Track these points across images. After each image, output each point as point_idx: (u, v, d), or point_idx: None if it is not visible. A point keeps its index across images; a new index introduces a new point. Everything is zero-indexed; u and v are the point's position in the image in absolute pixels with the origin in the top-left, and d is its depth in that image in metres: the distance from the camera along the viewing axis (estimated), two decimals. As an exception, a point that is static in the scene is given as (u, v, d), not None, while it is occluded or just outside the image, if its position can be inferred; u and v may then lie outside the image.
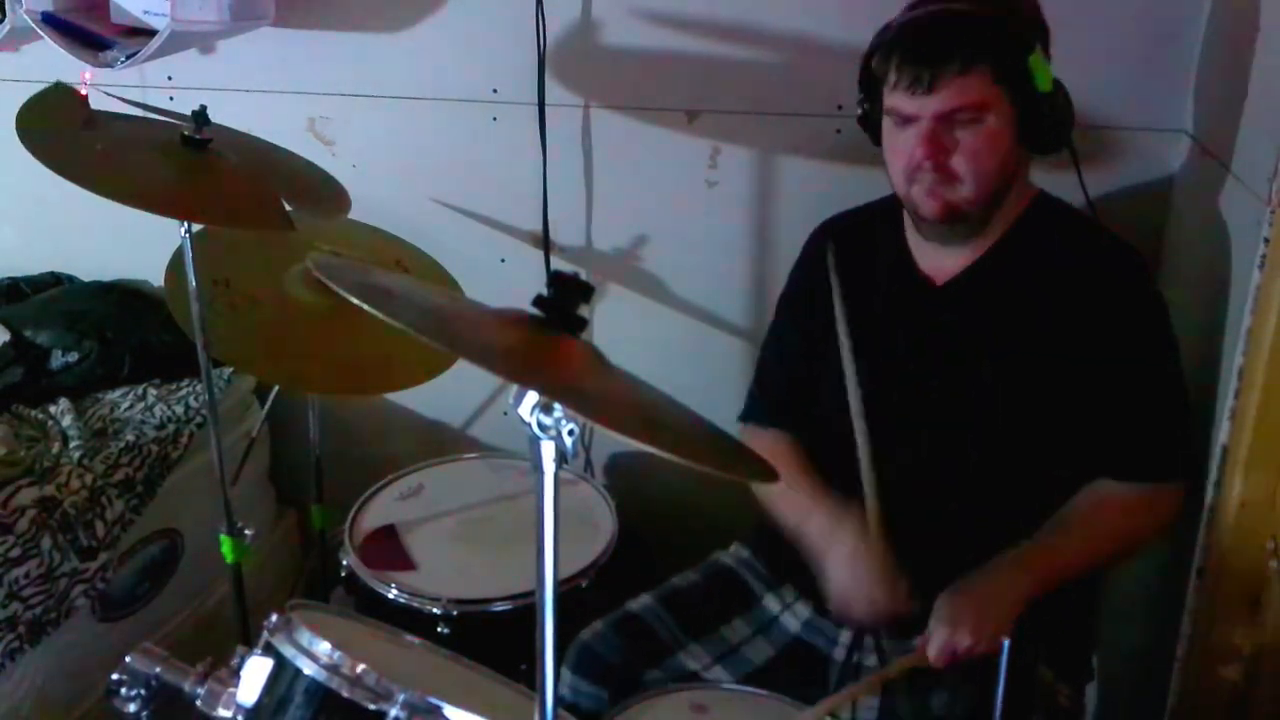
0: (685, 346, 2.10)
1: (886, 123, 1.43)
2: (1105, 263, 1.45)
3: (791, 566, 1.59)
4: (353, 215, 1.79)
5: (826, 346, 1.60)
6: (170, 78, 2.17)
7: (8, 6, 2.00)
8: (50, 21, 1.96)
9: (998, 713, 1.19)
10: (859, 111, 1.50)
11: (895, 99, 1.39)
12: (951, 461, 1.48)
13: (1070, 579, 1.42)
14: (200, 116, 1.55)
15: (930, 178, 1.39)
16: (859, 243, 1.60)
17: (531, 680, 0.93)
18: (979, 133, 1.37)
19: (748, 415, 1.72)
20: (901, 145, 1.41)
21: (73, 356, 2.14)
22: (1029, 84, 1.36)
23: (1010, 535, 1.43)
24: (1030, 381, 1.43)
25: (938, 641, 1.34)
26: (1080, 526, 1.44)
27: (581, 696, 1.48)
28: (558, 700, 0.93)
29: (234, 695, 1.08)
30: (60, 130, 1.54)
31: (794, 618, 1.57)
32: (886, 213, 1.56)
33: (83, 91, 1.63)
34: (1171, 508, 1.46)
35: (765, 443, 1.65)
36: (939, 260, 1.50)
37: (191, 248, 1.55)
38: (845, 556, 1.41)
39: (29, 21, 1.95)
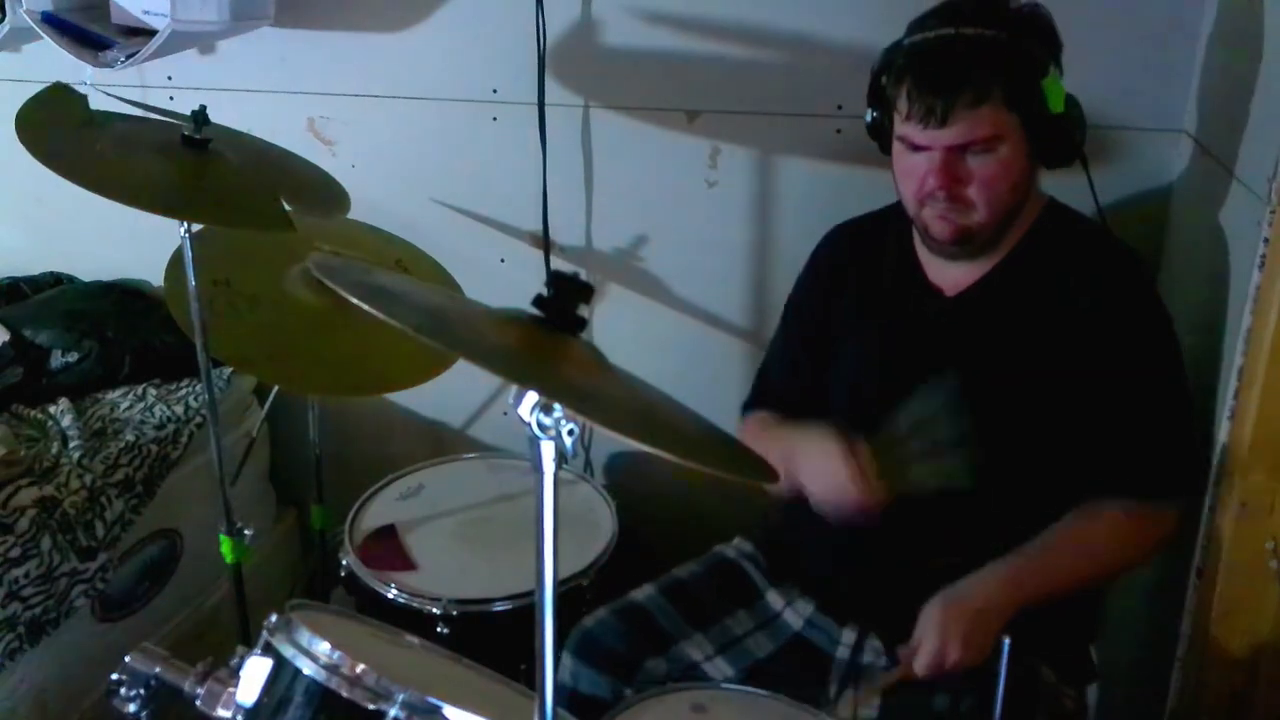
0: (685, 346, 2.10)
1: (897, 144, 1.42)
2: (1112, 275, 1.44)
3: (794, 563, 1.60)
4: (353, 215, 1.79)
5: (832, 352, 1.60)
6: (170, 78, 2.17)
7: (8, 6, 2.00)
8: (50, 21, 1.96)
9: (997, 714, 1.19)
10: (868, 119, 1.48)
11: (906, 129, 1.37)
12: None
13: (1060, 594, 1.41)
14: (200, 116, 1.55)
15: (943, 205, 1.39)
16: (868, 250, 1.59)
17: (531, 680, 0.93)
18: (992, 161, 1.36)
19: (747, 410, 1.72)
20: (912, 169, 1.39)
21: (73, 356, 2.14)
22: (1043, 106, 1.35)
23: (1013, 543, 1.42)
24: (1038, 392, 1.43)
25: (926, 654, 1.34)
26: (1073, 544, 1.42)
27: (582, 682, 1.48)
28: (557, 690, 0.93)
29: (234, 695, 1.07)
30: (60, 130, 1.54)
31: (796, 615, 1.57)
32: (896, 220, 1.55)
33: (83, 91, 1.63)
34: (1167, 529, 1.44)
35: (753, 421, 1.67)
36: (950, 272, 1.50)
37: (191, 248, 1.55)
38: (817, 449, 1.41)
39: (29, 21, 1.95)
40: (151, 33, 1.92)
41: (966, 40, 1.33)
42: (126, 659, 1.12)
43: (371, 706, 1.02)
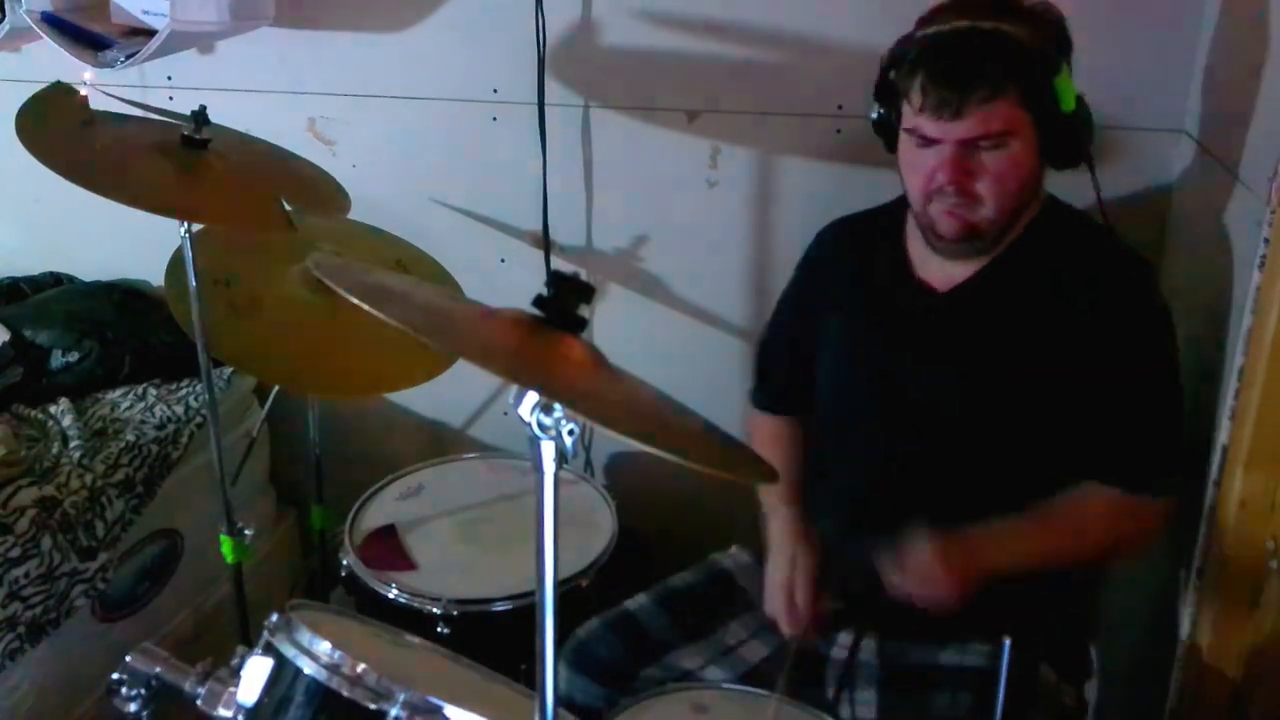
0: (685, 346, 2.10)
1: (905, 138, 1.41)
2: (1111, 273, 1.44)
3: None
4: (353, 215, 1.79)
5: (820, 347, 1.62)
6: (170, 78, 2.17)
7: (8, 6, 2.00)
8: (50, 21, 1.96)
9: (998, 713, 1.19)
10: (873, 116, 1.47)
11: (918, 121, 1.36)
12: (948, 463, 1.48)
13: (1041, 567, 1.41)
14: (200, 116, 1.55)
15: (951, 200, 1.38)
16: (860, 246, 1.60)
17: (531, 680, 0.93)
18: (1003, 157, 1.35)
19: (751, 398, 1.77)
20: (921, 164, 1.39)
21: (73, 356, 2.14)
22: (1054, 105, 1.35)
23: None
24: (1030, 387, 1.43)
25: (906, 578, 1.35)
26: (1061, 520, 1.42)
27: (576, 692, 1.49)
28: (557, 700, 0.93)
29: (234, 695, 1.08)
30: (60, 130, 1.54)
31: None
32: (889, 217, 1.56)
33: (83, 91, 1.63)
34: (1153, 522, 1.44)
35: (759, 426, 1.72)
36: (941, 270, 1.49)
37: (191, 248, 1.55)
38: (780, 560, 1.51)
39: (29, 21, 1.95)
40: (151, 33, 1.92)
41: (983, 34, 1.32)
42: (127, 659, 1.12)
43: (372, 706, 1.02)
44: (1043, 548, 1.42)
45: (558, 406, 0.81)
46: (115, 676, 1.12)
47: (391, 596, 1.67)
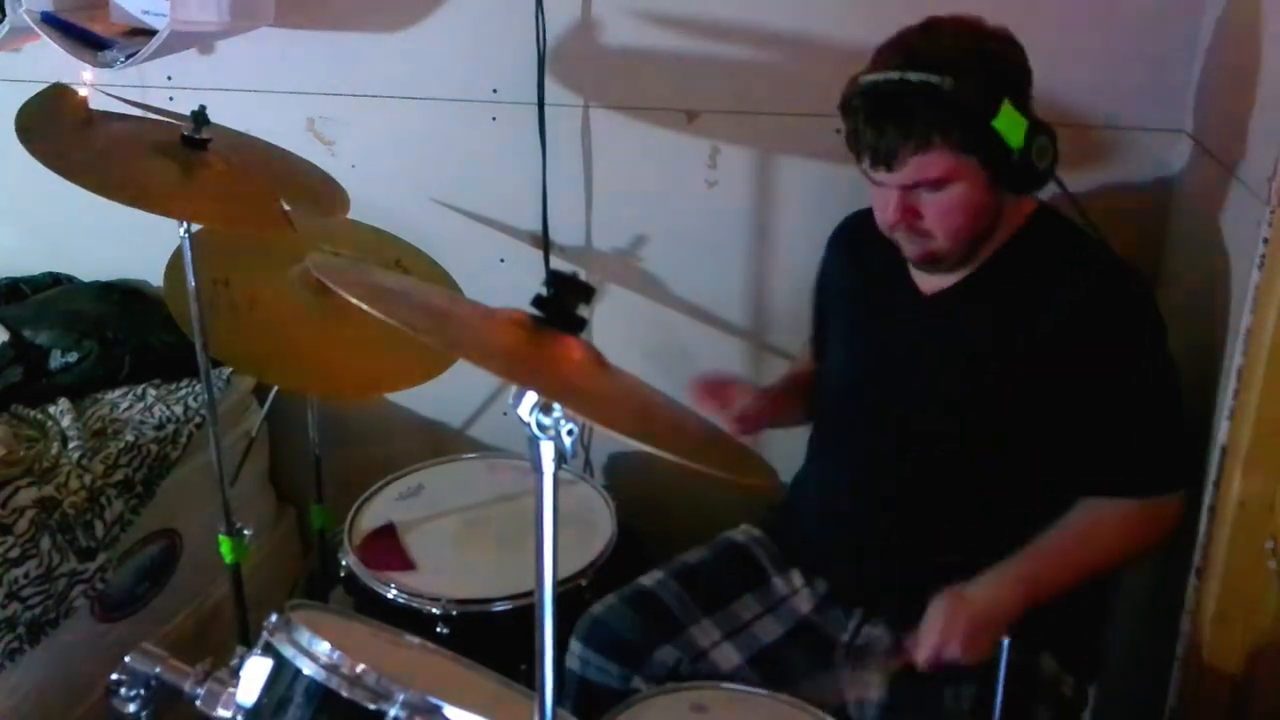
0: (685, 346, 2.10)
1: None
2: (1103, 287, 1.42)
3: (802, 550, 1.61)
4: (353, 215, 1.79)
5: (828, 333, 1.67)
6: (170, 78, 2.17)
7: (8, 6, 1.99)
8: (50, 21, 1.95)
9: (998, 710, 1.19)
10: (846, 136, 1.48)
11: (862, 165, 1.39)
12: (927, 465, 1.48)
13: (1065, 590, 1.40)
14: (200, 116, 1.55)
15: (904, 234, 1.42)
16: (869, 240, 1.61)
17: (531, 680, 0.93)
18: (944, 198, 1.37)
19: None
20: (876, 200, 1.43)
21: (73, 356, 2.14)
22: (998, 146, 1.33)
23: (993, 540, 1.42)
24: (1011, 396, 1.43)
25: (927, 648, 1.34)
26: (1077, 540, 1.41)
27: (591, 669, 1.49)
28: (566, 678, 0.93)
29: (233, 695, 1.08)
30: (60, 130, 1.54)
31: (804, 599, 1.59)
32: None
33: (83, 91, 1.63)
34: (1169, 520, 1.44)
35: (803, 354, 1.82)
36: (930, 276, 1.51)
37: (191, 248, 1.55)
38: None
39: (29, 21, 1.95)
40: (151, 33, 1.92)
41: (911, 87, 1.31)
42: (126, 659, 1.12)
43: (372, 706, 1.02)
44: (1064, 577, 1.41)
45: (557, 406, 0.81)
46: (114, 677, 1.12)
47: (391, 596, 1.67)
